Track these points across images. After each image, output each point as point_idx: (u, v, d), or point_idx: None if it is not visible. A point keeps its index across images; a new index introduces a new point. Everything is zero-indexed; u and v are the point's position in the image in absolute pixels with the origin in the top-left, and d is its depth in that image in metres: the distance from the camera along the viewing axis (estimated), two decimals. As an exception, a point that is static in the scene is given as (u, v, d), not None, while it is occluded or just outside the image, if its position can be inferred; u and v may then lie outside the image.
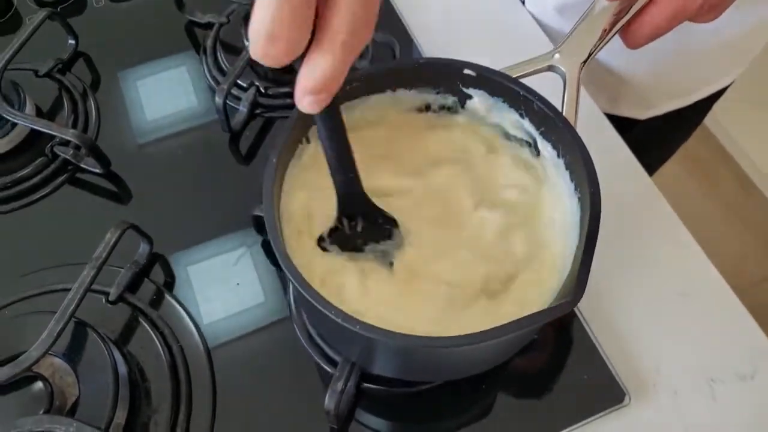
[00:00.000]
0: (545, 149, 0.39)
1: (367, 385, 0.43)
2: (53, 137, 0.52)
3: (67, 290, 0.46)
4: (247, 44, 0.56)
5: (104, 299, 0.46)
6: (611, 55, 0.61)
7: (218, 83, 0.56)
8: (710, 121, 0.82)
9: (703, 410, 0.44)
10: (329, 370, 0.43)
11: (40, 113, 0.54)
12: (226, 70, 0.56)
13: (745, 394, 0.45)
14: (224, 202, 0.52)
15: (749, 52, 0.63)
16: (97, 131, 0.54)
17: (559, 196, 0.39)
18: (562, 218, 0.38)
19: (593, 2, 0.40)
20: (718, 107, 0.72)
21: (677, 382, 0.45)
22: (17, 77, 0.54)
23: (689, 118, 0.70)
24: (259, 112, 0.55)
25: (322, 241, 0.38)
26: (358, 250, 0.38)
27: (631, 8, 0.39)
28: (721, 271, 0.49)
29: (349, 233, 0.38)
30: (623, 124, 0.58)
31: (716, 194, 1.56)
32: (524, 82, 0.39)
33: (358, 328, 0.31)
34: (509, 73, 0.39)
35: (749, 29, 0.59)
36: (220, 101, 0.50)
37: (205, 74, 0.58)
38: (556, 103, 0.39)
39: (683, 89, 0.65)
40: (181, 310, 0.47)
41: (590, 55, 0.40)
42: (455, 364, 0.36)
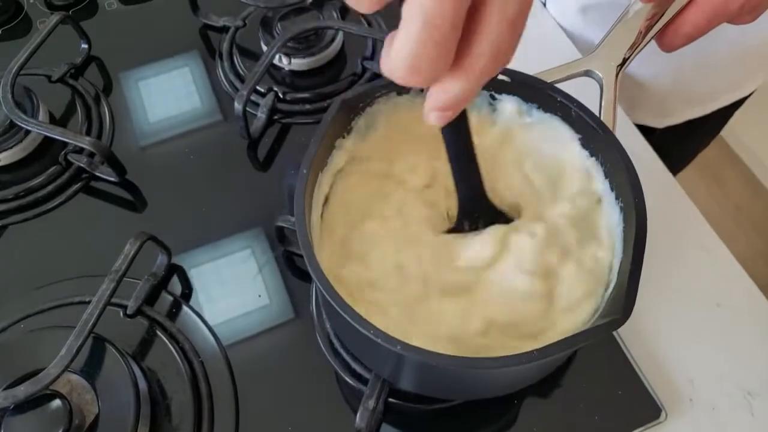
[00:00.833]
0: (584, 157, 0.38)
1: (393, 400, 0.41)
2: (67, 145, 0.51)
3: (83, 303, 0.45)
4: (265, 49, 0.55)
5: (122, 313, 0.44)
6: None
7: (235, 88, 0.55)
8: None
9: (742, 426, 0.43)
10: (353, 384, 0.42)
11: (53, 120, 0.53)
12: (243, 74, 0.55)
13: (784, 408, 0.43)
14: (243, 210, 0.50)
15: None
16: (111, 138, 0.53)
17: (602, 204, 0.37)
18: (603, 228, 0.37)
19: (628, 5, 0.39)
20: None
21: (714, 396, 0.44)
22: (30, 83, 0.52)
23: (707, 127, 0.69)
24: (277, 117, 0.54)
25: None
26: None
27: (666, 11, 0.38)
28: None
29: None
30: (641, 131, 0.56)
31: (725, 196, 1.55)
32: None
33: (398, 348, 0.29)
34: (544, 78, 0.38)
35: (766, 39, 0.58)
36: (240, 107, 0.49)
37: (221, 78, 0.56)
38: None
39: (703, 97, 0.64)
40: (200, 323, 0.45)
41: (627, 58, 0.38)
42: (494, 383, 0.35)
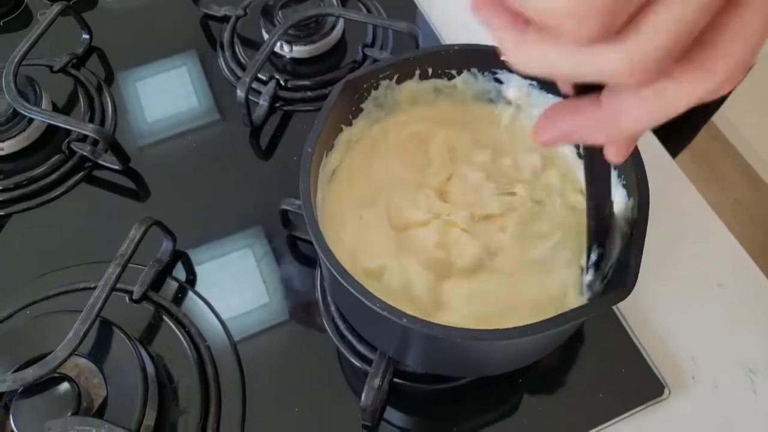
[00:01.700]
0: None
1: (397, 380, 0.42)
2: (70, 133, 0.51)
3: (88, 289, 0.45)
4: (266, 37, 0.55)
5: (128, 298, 0.44)
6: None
7: (237, 77, 0.55)
8: (716, 115, 0.82)
9: (743, 403, 0.43)
10: (358, 364, 0.42)
11: (56, 109, 0.53)
12: (244, 63, 0.55)
13: (785, 385, 0.44)
14: (246, 196, 0.51)
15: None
16: (114, 126, 0.53)
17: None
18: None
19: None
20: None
21: (716, 374, 0.44)
22: (32, 73, 0.53)
23: (702, 109, 0.69)
24: (279, 105, 0.54)
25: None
26: None
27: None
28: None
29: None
30: None
31: (723, 189, 1.56)
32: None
33: (404, 321, 0.30)
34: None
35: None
36: (242, 94, 0.49)
37: (222, 68, 0.56)
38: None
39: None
40: (205, 307, 0.46)
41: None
42: (501, 357, 0.35)
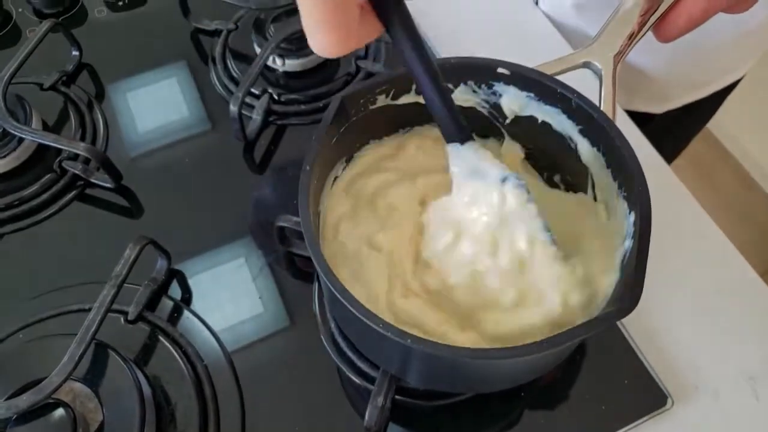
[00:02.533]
0: (584, 147, 0.38)
1: (399, 398, 0.41)
2: (60, 152, 0.50)
3: (83, 311, 0.44)
4: (258, 51, 0.55)
5: (123, 319, 0.44)
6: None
7: (229, 91, 0.55)
8: (710, 122, 0.83)
9: (747, 410, 0.43)
10: (359, 382, 0.42)
11: (46, 127, 0.52)
12: (237, 77, 0.55)
13: (787, 392, 0.44)
14: (241, 212, 0.50)
15: (765, 41, 0.63)
16: (105, 144, 0.53)
17: (602, 195, 0.37)
18: (607, 218, 0.37)
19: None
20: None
21: (718, 382, 0.44)
22: (21, 91, 0.52)
23: (704, 110, 0.70)
24: (272, 119, 0.54)
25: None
26: None
27: (661, 3, 0.38)
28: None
29: None
30: (638, 118, 0.57)
31: (716, 190, 1.57)
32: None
33: (408, 342, 0.29)
34: (543, 71, 0.38)
35: (761, 23, 0.59)
36: (235, 109, 0.49)
37: (214, 83, 0.56)
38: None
39: (699, 82, 0.65)
40: (202, 326, 0.45)
41: (625, 50, 0.39)
42: (505, 374, 0.35)
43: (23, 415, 0.36)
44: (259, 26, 0.54)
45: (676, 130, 0.72)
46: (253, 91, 0.53)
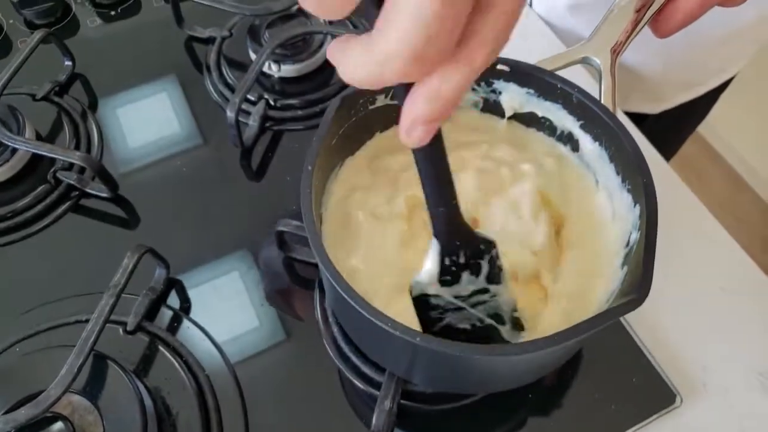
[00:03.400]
0: (586, 142, 0.38)
1: (404, 402, 0.40)
2: (54, 162, 0.49)
3: (80, 322, 0.43)
4: (254, 57, 0.54)
5: (121, 330, 0.43)
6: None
7: (225, 99, 0.54)
8: (702, 124, 0.83)
9: (756, 406, 0.43)
10: (363, 387, 0.41)
11: (39, 138, 0.51)
12: (232, 84, 0.54)
13: (796, 386, 0.43)
14: (239, 218, 0.50)
15: (756, 41, 0.63)
16: (101, 153, 0.52)
17: (606, 189, 0.37)
18: (611, 213, 0.36)
19: (619, -6, 0.39)
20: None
21: (726, 379, 0.44)
22: (14, 102, 0.51)
23: (698, 110, 0.70)
24: (269, 125, 0.53)
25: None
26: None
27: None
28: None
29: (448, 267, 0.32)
30: (632, 119, 0.57)
31: (708, 193, 1.58)
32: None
33: (418, 340, 0.29)
34: (543, 67, 0.38)
35: (751, 21, 0.59)
36: (232, 116, 0.48)
37: (209, 90, 0.55)
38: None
39: (693, 82, 0.65)
40: (202, 335, 0.44)
41: (623, 44, 0.39)
42: (516, 372, 0.34)
43: (22, 429, 0.35)
44: (253, 32, 0.54)
45: (670, 130, 0.72)
46: (249, 97, 0.53)
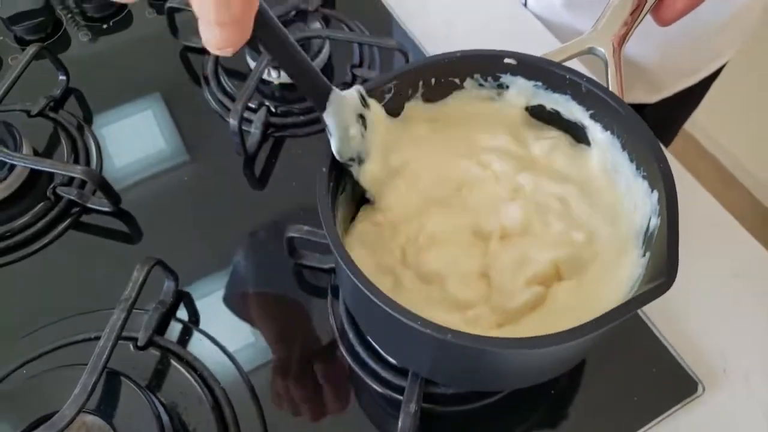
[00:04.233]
0: (596, 131, 0.38)
1: (426, 405, 0.40)
2: (53, 178, 0.48)
3: (88, 340, 0.42)
4: (252, 64, 0.54)
5: (132, 345, 0.42)
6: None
7: (225, 108, 0.53)
8: (688, 122, 0.84)
9: (777, 391, 0.43)
10: (384, 392, 0.40)
11: (37, 154, 0.50)
12: (231, 93, 0.54)
13: (814, 368, 0.43)
14: (244, 227, 0.49)
15: (747, 25, 0.64)
16: (100, 167, 0.51)
17: (621, 176, 0.37)
18: (627, 199, 0.36)
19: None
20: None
21: (746, 365, 0.43)
22: (9, 118, 0.50)
23: (695, 95, 0.71)
24: (271, 132, 0.53)
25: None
26: None
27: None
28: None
29: None
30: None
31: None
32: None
33: (449, 337, 0.28)
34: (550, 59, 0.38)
35: (744, 5, 0.60)
36: (235, 123, 0.47)
37: (208, 100, 0.55)
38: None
39: (691, 69, 0.66)
40: (215, 347, 0.43)
41: (626, 33, 0.39)
42: (545, 364, 0.34)
43: (35, 452, 0.34)
44: (251, 40, 0.53)
45: (667, 119, 0.72)
46: (249, 105, 0.52)
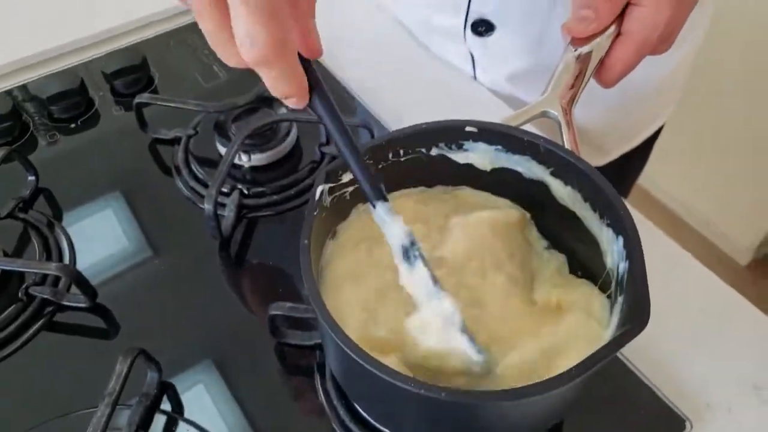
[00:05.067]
0: (558, 187, 0.40)
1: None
2: (24, 279, 0.48)
3: (67, 444, 0.40)
4: (222, 150, 0.55)
5: (116, 444, 0.40)
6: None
7: (198, 194, 0.54)
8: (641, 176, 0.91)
9: (762, 419, 0.44)
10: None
11: (7, 255, 0.49)
12: (203, 179, 0.55)
13: (790, 394, 0.45)
14: (225, 310, 0.49)
15: (675, 91, 0.71)
16: (74, 263, 0.50)
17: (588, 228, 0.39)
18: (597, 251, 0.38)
19: (564, 52, 0.43)
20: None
21: (727, 397, 0.45)
22: (-24, 223, 0.50)
23: (638, 158, 0.76)
24: (244, 213, 0.54)
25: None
26: None
27: (593, 54, 0.43)
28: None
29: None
30: None
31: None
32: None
33: (443, 396, 0.28)
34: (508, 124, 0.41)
35: (671, 70, 0.66)
36: (210, 207, 0.48)
37: (180, 188, 0.56)
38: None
39: (632, 131, 0.71)
40: (203, 437, 0.42)
41: (575, 95, 0.42)
42: (535, 415, 0.34)
43: None
44: (220, 128, 0.56)
45: (616, 180, 0.77)
46: (222, 189, 0.53)
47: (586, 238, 0.39)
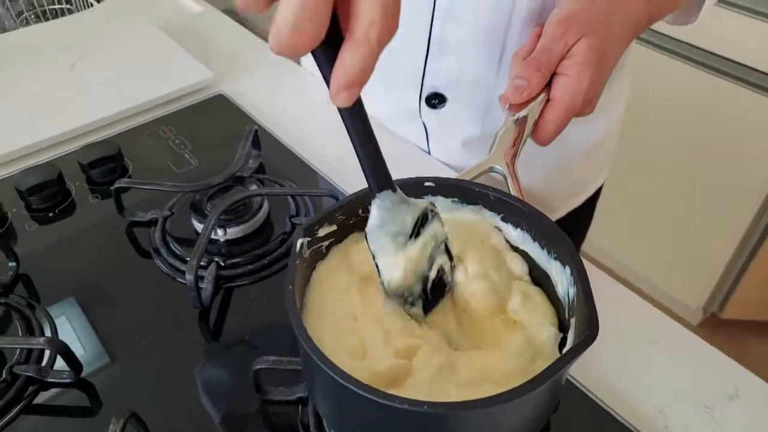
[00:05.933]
0: (509, 230, 0.45)
1: None
2: (5, 360, 0.48)
3: None
4: (198, 227, 0.59)
5: None
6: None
7: (177, 270, 0.57)
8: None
9: (718, 436, 0.48)
10: None
11: (-10, 338, 0.50)
12: (181, 255, 0.58)
13: (737, 411, 0.49)
14: (208, 375, 0.50)
15: (608, 153, 0.79)
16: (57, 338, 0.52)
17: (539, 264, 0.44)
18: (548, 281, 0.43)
19: (504, 117, 0.50)
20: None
21: (683, 418, 0.49)
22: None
23: (583, 217, 0.83)
24: (221, 283, 0.57)
25: None
26: None
27: (529, 118, 0.50)
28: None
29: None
30: None
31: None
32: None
33: (425, 408, 0.32)
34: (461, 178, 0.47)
35: (602, 133, 0.75)
36: (191, 277, 0.51)
37: (159, 267, 0.58)
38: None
39: (572, 192, 0.78)
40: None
41: (516, 152, 0.49)
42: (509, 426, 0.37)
43: None
44: (196, 206, 0.60)
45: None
46: (200, 263, 0.56)
47: (539, 273, 0.44)
